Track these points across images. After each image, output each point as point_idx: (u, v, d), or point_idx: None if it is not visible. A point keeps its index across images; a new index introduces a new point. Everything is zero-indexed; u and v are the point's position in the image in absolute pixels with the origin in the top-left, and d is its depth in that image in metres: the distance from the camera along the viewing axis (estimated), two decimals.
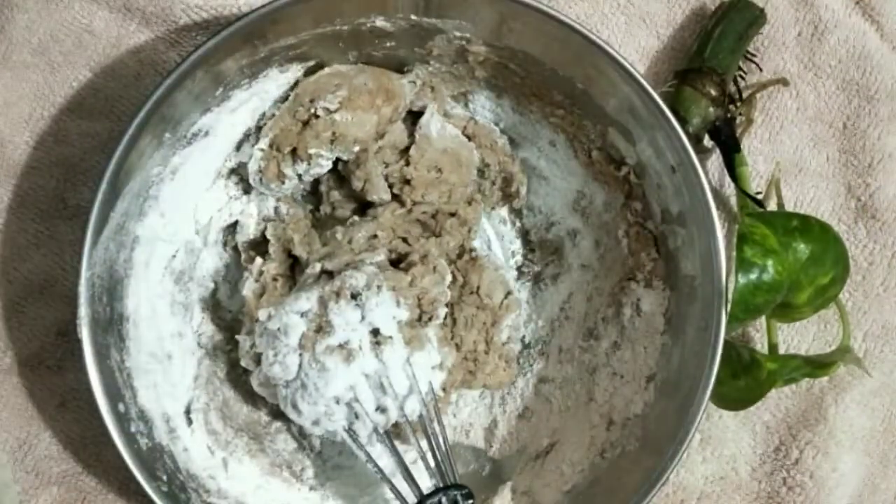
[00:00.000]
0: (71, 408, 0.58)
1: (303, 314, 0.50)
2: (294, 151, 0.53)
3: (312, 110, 0.52)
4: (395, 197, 0.55)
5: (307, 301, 0.51)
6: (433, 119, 0.55)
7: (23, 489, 0.57)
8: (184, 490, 0.51)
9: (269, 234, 0.55)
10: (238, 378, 0.57)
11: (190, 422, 0.54)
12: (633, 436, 0.53)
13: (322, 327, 0.50)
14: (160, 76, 0.56)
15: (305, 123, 0.53)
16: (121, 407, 0.50)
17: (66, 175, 0.58)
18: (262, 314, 0.51)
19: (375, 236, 0.54)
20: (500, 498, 0.56)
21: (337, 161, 0.55)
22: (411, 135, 0.56)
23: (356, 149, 0.54)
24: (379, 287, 0.51)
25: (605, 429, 0.55)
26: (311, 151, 0.53)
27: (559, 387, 0.58)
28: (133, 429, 0.50)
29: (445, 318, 0.55)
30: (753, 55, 0.60)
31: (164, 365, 0.54)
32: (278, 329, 0.50)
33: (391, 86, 0.54)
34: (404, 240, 0.55)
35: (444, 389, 0.55)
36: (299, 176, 0.54)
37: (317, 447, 0.58)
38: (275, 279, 0.55)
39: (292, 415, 0.51)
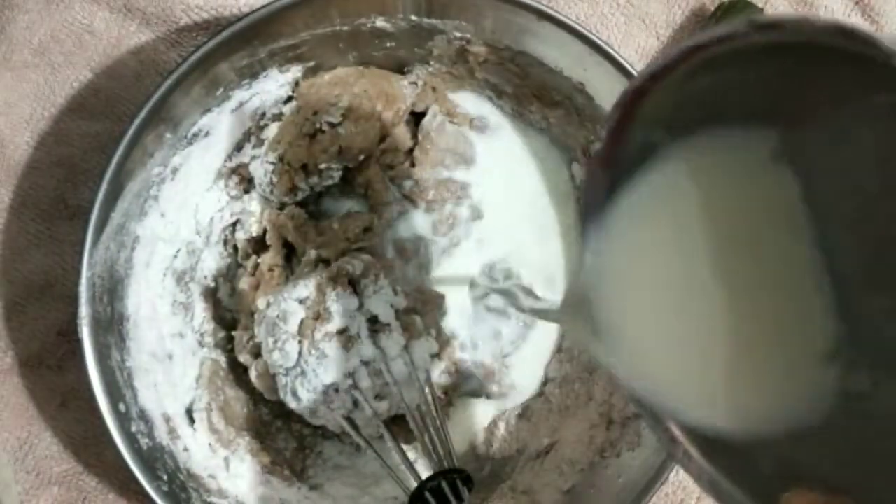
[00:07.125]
0: (71, 408, 0.58)
1: (301, 301, 0.51)
2: (305, 166, 0.54)
3: (317, 125, 0.53)
4: (405, 197, 0.55)
5: (305, 288, 0.51)
6: (436, 120, 0.55)
7: (23, 489, 0.57)
8: (184, 490, 0.51)
9: (264, 222, 0.55)
10: (239, 377, 0.57)
11: (192, 421, 0.54)
12: (633, 435, 0.53)
13: (320, 314, 0.50)
14: (161, 76, 0.56)
15: (312, 137, 0.53)
16: (121, 407, 0.50)
17: (67, 175, 0.58)
18: (260, 302, 0.52)
19: (370, 228, 0.54)
20: (500, 497, 0.56)
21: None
22: (414, 136, 0.56)
23: (361, 157, 0.54)
24: (376, 275, 0.51)
25: (605, 428, 0.55)
26: (322, 166, 0.53)
27: (559, 386, 0.58)
28: (134, 429, 0.50)
29: None
30: None
31: (164, 365, 0.54)
32: (277, 316, 0.51)
33: (391, 90, 0.54)
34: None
35: (445, 392, 0.55)
36: (311, 187, 0.55)
37: (317, 447, 0.58)
38: (271, 269, 0.55)
39: (292, 403, 0.51)
